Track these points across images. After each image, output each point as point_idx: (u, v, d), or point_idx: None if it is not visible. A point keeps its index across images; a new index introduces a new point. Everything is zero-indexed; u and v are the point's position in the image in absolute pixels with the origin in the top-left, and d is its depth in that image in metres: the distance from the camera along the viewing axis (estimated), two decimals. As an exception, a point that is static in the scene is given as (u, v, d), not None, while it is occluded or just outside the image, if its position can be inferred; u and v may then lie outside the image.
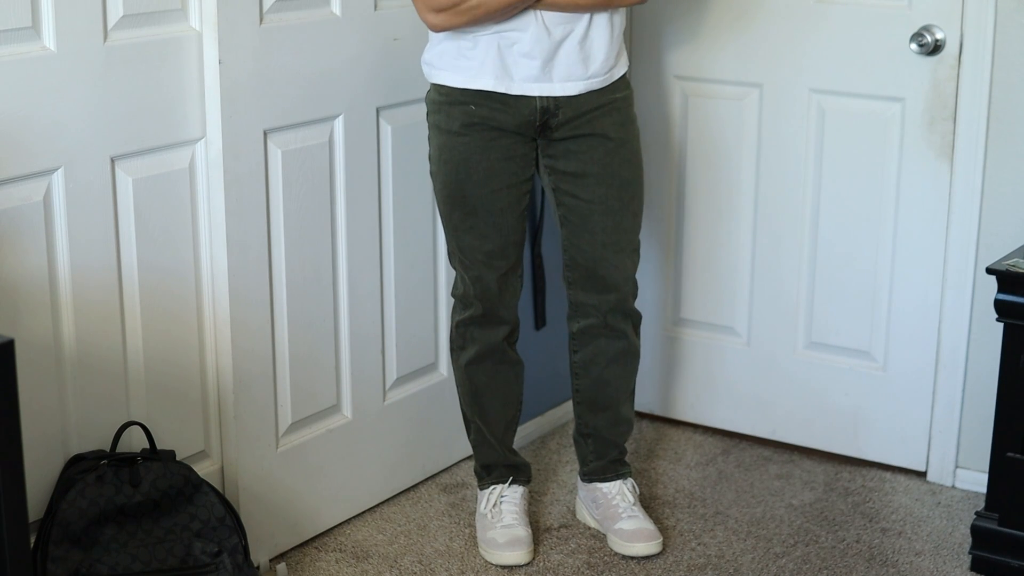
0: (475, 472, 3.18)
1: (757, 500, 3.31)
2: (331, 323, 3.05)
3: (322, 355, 3.05)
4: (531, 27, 2.80)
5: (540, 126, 2.90)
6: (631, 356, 3.13)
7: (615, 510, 3.11)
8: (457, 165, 2.91)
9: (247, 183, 2.79)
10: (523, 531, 3.06)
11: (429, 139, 2.97)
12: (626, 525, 3.07)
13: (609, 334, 3.09)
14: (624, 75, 2.96)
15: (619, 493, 3.14)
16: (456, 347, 3.10)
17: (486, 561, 3.02)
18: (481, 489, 3.14)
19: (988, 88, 3.15)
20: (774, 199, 3.47)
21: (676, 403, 3.73)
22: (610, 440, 3.17)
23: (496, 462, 3.14)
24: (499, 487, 3.12)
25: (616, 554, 3.04)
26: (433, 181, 2.99)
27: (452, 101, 2.89)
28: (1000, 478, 2.91)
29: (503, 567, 3.00)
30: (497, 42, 2.82)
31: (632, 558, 3.03)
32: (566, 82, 2.88)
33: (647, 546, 3.05)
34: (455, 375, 3.13)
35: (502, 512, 3.09)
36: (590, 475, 3.18)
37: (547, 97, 2.87)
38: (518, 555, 3.02)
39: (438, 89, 2.91)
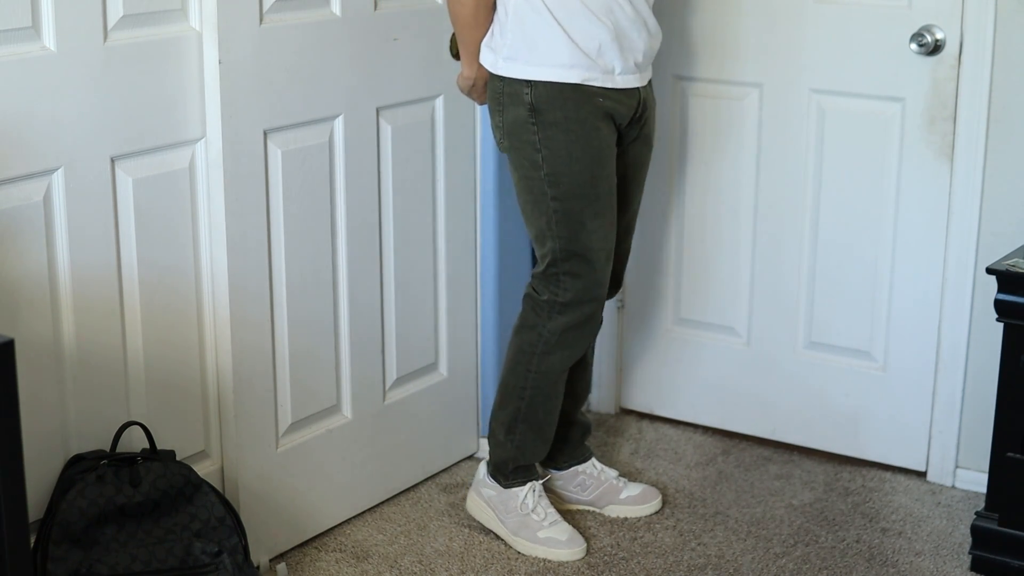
0: (503, 473, 3.08)
1: (757, 500, 3.31)
2: (331, 323, 3.05)
3: (322, 355, 3.05)
4: (627, 7, 2.76)
5: (636, 119, 2.88)
6: None
7: (610, 484, 3.22)
8: (593, 160, 2.81)
9: (247, 183, 2.79)
10: (570, 525, 3.09)
11: (538, 139, 2.80)
12: (632, 491, 3.22)
13: (598, 324, 3.11)
14: None
15: (602, 469, 3.24)
16: (541, 352, 2.96)
17: (539, 558, 3.00)
18: (508, 488, 3.07)
19: (988, 88, 3.15)
20: (774, 199, 3.47)
21: (676, 403, 3.72)
22: (583, 422, 3.24)
23: (535, 460, 3.11)
24: (533, 483, 3.09)
25: (616, 554, 3.04)
26: (552, 183, 2.81)
27: (579, 95, 2.77)
28: (1000, 478, 2.91)
29: (559, 563, 3.00)
30: (613, 29, 2.75)
31: (632, 557, 3.03)
32: (647, 70, 2.87)
33: (658, 502, 3.23)
34: (530, 379, 3.00)
35: (546, 509, 3.07)
36: (569, 461, 3.23)
37: (644, 87, 2.87)
38: (583, 548, 3.03)
39: (554, 85, 2.77)
